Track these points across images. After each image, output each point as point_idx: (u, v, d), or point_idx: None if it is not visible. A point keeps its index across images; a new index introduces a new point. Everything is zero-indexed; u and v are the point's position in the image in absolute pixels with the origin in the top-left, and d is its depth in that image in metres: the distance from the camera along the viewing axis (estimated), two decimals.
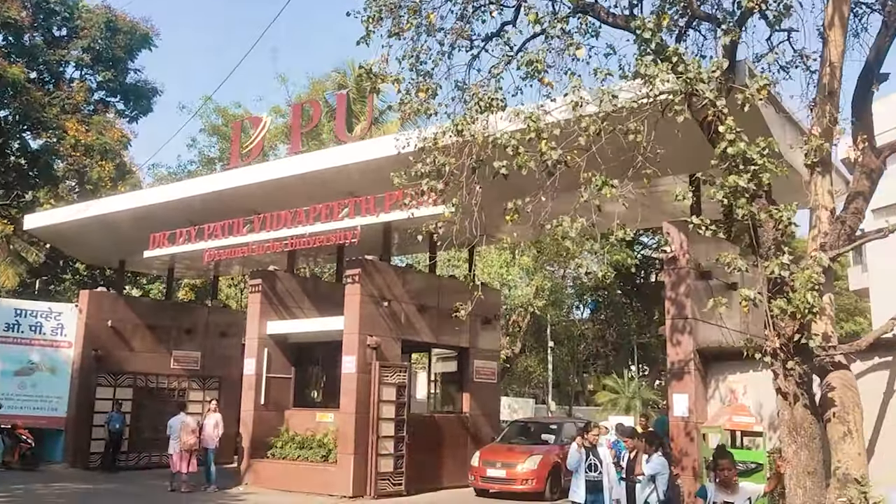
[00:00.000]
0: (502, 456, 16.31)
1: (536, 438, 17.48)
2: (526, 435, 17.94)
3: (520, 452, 16.29)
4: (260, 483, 16.93)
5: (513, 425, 19.26)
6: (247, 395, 17.70)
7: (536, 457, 15.99)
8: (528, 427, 18.79)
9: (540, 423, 19.47)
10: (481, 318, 19.17)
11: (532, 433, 18.01)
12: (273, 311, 18.18)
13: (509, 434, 18.16)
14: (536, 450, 16.41)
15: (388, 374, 16.17)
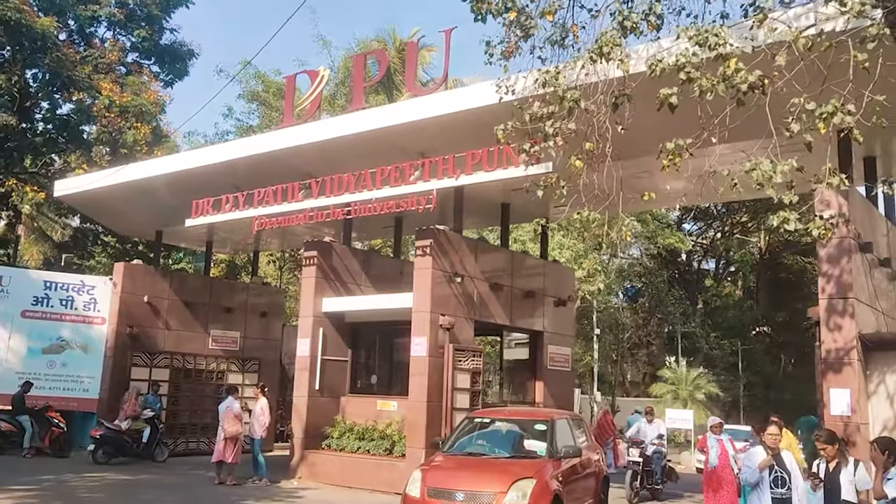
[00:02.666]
0: (464, 478, 9.44)
1: (515, 446, 10.57)
2: (495, 441, 10.77)
3: (495, 472, 9.50)
4: (315, 477, 15.20)
5: (469, 423, 11.43)
6: (300, 380, 15.94)
7: (526, 483, 9.06)
8: (497, 428, 11.18)
9: (517, 422, 11.25)
10: (555, 299, 17.32)
11: (505, 437, 10.88)
12: (329, 287, 16.39)
13: (464, 438, 10.96)
14: (522, 467, 9.56)
15: (463, 358, 14.36)
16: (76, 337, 19.25)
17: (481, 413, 12.32)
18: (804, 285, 44.50)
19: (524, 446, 10.53)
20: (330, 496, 13.75)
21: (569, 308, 17.95)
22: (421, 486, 9.35)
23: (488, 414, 12.05)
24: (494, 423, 11.28)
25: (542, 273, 17.16)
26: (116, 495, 12.84)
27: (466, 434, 11.04)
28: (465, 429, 11.21)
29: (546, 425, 10.69)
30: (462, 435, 11.03)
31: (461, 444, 10.74)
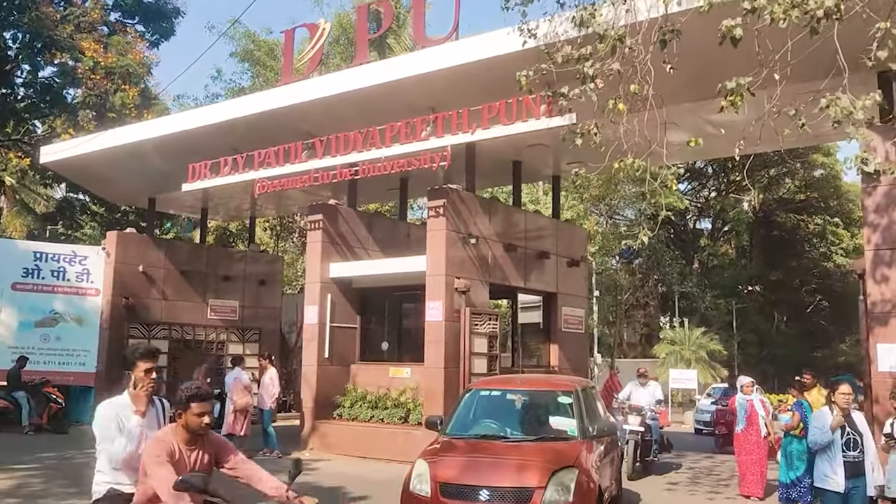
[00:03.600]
0: (487, 471, 7.08)
1: (537, 425, 8.47)
2: (511, 418, 8.59)
3: (524, 461, 7.21)
4: (327, 448, 14.71)
5: (473, 397, 8.92)
6: (309, 348, 15.38)
7: (567, 474, 6.90)
8: (510, 402, 8.93)
9: (533, 394, 8.90)
10: (568, 259, 16.80)
11: (522, 414, 8.75)
12: (335, 252, 15.76)
13: (469, 416, 8.55)
14: (557, 453, 7.32)
15: (479, 322, 13.84)
16: (70, 309, 18.56)
17: (487, 383, 9.72)
18: (797, 243, 44.50)
19: (549, 425, 8.24)
20: (345, 467, 13.27)
21: (581, 268, 17.45)
22: (431, 482, 6.86)
23: (496, 384, 9.56)
24: (505, 395, 8.79)
25: (555, 233, 16.61)
26: None
27: (472, 411, 8.51)
28: (468, 404, 8.59)
29: (571, 397, 8.32)
30: (466, 412, 8.44)
31: (467, 424, 8.19)
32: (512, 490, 6.73)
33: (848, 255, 44.05)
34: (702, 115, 12.19)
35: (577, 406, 8.14)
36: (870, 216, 9.60)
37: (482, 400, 8.83)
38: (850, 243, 44.28)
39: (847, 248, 44.07)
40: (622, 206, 37.43)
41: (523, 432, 8.09)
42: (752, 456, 10.73)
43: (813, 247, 44.50)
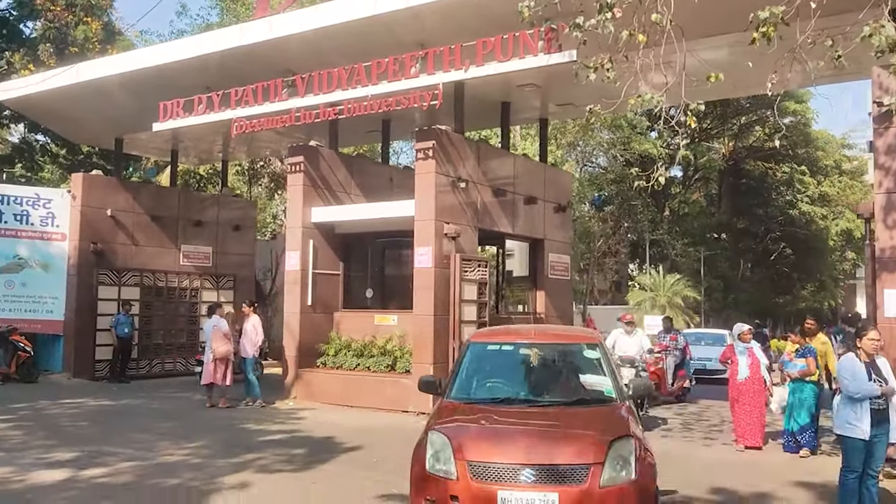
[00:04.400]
0: (525, 444, 5.57)
1: (570, 386, 6.95)
2: (536, 378, 7.04)
3: (570, 431, 5.83)
4: (311, 397, 14.38)
5: (481, 352, 7.30)
6: (291, 295, 14.89)
7: (625, 445, 5.55)
8: (528, 358, 7.20)
9: (554, 347, 7.41)
10: (555, 205, 16.45)
11: (548, 372, 7.17)
12: (317, 196, 15.17)
13: (482, 375, 7.00)
14: (604, 420, 6.07)
15: (469, 268, 13.48)
16: (35, 255, 17.77)
17: (493, 336, 8.03)
18: (764, 191, 44.86)
19: (581, 384, 6.83)
20: (331, 416, 12.96)
21: (568, 214, 17.13)
22: (457, 461, 5.41)
23: (505, 337, 7.83)
24: (518, 350, 7.28)
25: (543, 178, 16.20)
26: (105, 424, 11.80)
27: (480, 369, 7.00)
28: (473, 361, 7.01)
29: (597, 350, 7.05)
30: (473, 371, 6.91)
31: (477, 386, 6.76)
32: (563, 469, 5.28)
33: (813, 203, 44.64)
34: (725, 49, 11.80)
35: (606, 361, 6.90)
36: (881, 158, 9.34)
37: (490, 355, 7.27)
38: (815, 191, 44.81)
39: (812, 195, 44.61)
40: (596, 154, 37.10)
41: (552, 394, 6.64)
42: (753, 406, 10.33)
43: (780, 194, 44.92)
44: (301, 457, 9.57)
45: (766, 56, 7.23)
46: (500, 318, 14.69)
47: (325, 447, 10.24)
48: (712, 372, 17.21)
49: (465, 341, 7.96)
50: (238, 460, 9.22)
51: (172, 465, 8.89)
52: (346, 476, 8.55)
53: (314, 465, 9.07)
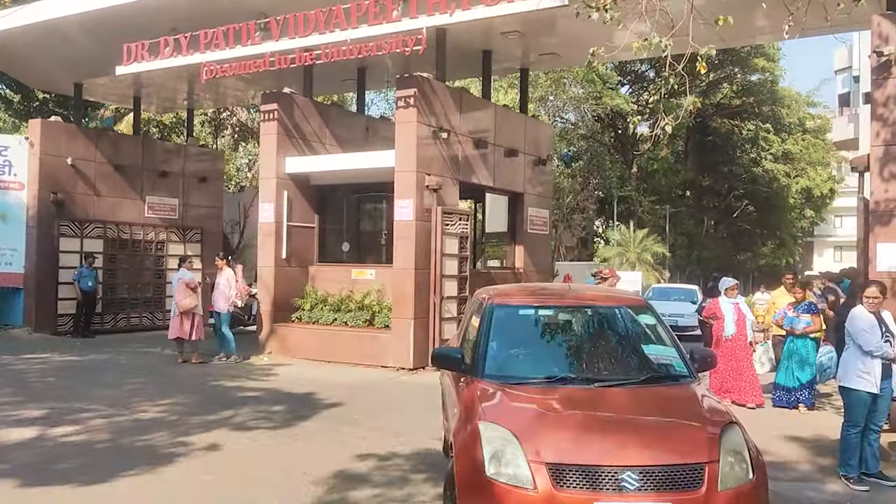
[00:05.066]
0: (616, 441, 4.34)
1: (636, 360, 5.63)
2: (578, 351, 5.76)
3: (663, 422, 4.80)
4: (286, 352, 14.03)
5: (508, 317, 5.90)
6: (265, 248, 14.42)
7: (736, 435, 4.47)
8: (569, 323, 6.09)
9: (598, 311, 6.13)
10: (534, 158, 16.12)
11: (603, 341, 5.91)
12: (291, 146, 14.61)
13: (510, 346, 5.71)
14: (699, 405, 4.87)
15: (451, 222, 13.13)
16: None
17: (519, 297, 6.46)
18: (729, 148, 45.09)
19: (647, 358, 5.60)
20: (309, 371, 12.65)
21: (548, 167, 16.81)
22: (531, 463, 4.15)
23: (541, 299, 6.40)
24: (557, 315, 6.10)
25: (524, 129, 15.82)
26: (74, 379, 11.34)
27: (518, 338, 5.80)
28: (502, 329, 5.66)
29: (651, 315, 5.93)
30: (507, 342, 5.65)
31: (522, 361, 5.54)
32: (673, 471, 4.12)
33: (777, 161, 45.05)
34: None
35: (664, 327, 5.72)
36: (879, 110, 9.16)
37: (523, 322, 5.97)
38: (779, 149, 45.18)
39: (776, 153, 44.99)
40: (567, 109, 36.70)
41: (614, 371, 5.41)
42: (743, 364, 10.15)
43: (744, 152, 45.18)
44: (280, 413, 9.27)
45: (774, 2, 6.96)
46: (479, 274, 14.43)
47: (304, 403, 9.94)
48: (684, 328, 17.05)
49: (481, 304, 6.17)
50: (215, 417, 8.89)
51: (148, 423, 8.53)
52: (328, 433, 8.28)
53: (295, 423, 8.78)
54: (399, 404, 10.11)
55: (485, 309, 5.87)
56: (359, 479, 6.47)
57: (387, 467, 6.88)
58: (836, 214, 60.78)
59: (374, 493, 6.09)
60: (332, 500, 5.95)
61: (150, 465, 6.77)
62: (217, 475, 6.60)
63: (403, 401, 10.37)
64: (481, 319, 5.80)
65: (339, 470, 6.72)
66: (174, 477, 6.53)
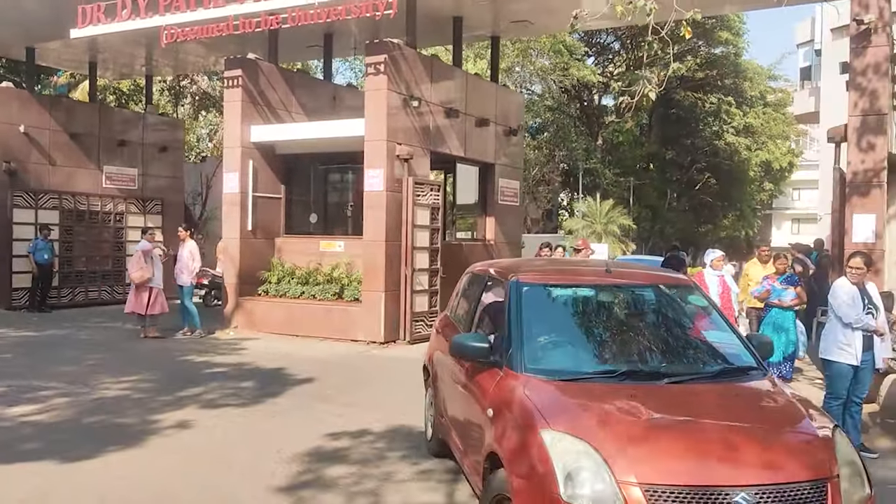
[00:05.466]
0: (718, 454, 3.53)
1: (701, 351, 4.82)
2: (630, 339, 4.82)
3: (766, 428, 3.84)
4: (253, 326, 13.70)
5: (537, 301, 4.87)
6: (230, 219, 14.01)
7: (846, 444, 3.78)
8: (608, 307, 5.17)
9: (656, 293, 5.24)
10: (505, 128, 15.89)
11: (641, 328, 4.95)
12: (256, 114, 14.16)
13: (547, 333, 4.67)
14: (790, 405, 4.08)
15: (422, 192, 12.88)
16: None
17: (555, 276, 5.46)
18: (692, 121, 45.38)
19: (713, 347, 4.82)
20: (277, 346, 12.36)
21: (518, 138, 16.60)
22: (621, 485, 3.35)
23: (576, 277, 5.40)
24: (600, 295, 5.15)
25: (494, 98, 15.55)
26: (31, 356, 10.91)
27: (554, 323, 4.84)
28: (540, 312, 4.80)
29: (699, 294, 5.29)
30: (546, 327, 4.70)
31: (568, 352, 4.61)
32: (793, 490, 3.39)
33: (738, 134, 45.50)
34: None
35: (717, 311, 5.11)
36: (857, 79, 9.10)
37: (559, 305, 5.04)
38: (741, 122, 45.61)
39: (738, 126, 45.41)
40: (533, 80, 36.46)
41: (680, 363, 4.59)
42: None
43: (707, 125, 45.51)
44: (250, 390, 9.00)
45: None
46: (450, 246, 14.23)
47: (275, 379, 9.68)
48: None
49: (487, 280, 5.55)
50: (183, 394, 8.59)
51: (112, 401, 8.20)
52: (301, 409, 8.05)
53: (266, 399, 8.52)
54: (371, 379, 9.91)
55: (507, 288, 4.89)
56: (335, 457, 6.27)
57: (363, 444, 6.68)
58: (795, 187, 61.77)
59: (350, 472, 5.89)
60: (308, 479, 5.73)
61: (117, 446, 6.47)
62: (188, 455, 6.33)
63: (376, 375, 10.17)
64: (507, 301, 4.78)
65: (314, 448, 6.51)
66: (143, 457, 6.25)
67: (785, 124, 49.43)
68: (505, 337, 4.54)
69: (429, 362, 6.52)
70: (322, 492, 5.44)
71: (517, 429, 3.81)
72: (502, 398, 4.13)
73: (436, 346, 6.43)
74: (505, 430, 3.91)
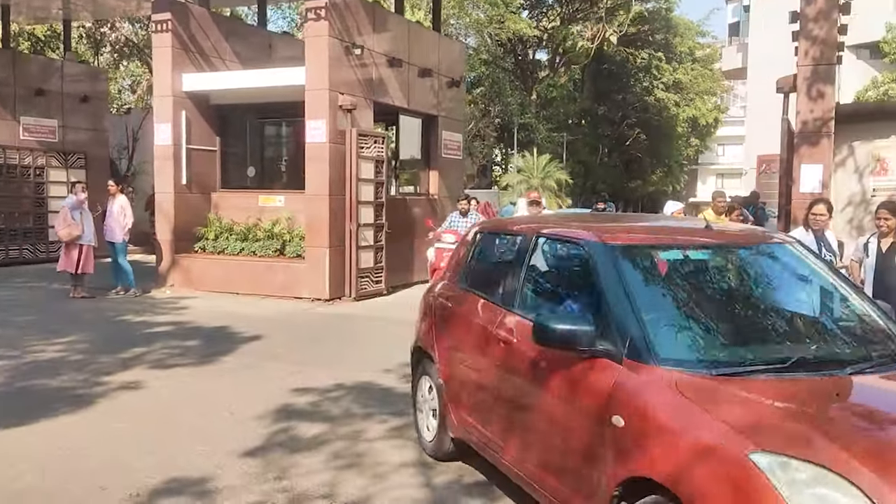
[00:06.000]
0: None
1: (833, 328, 3.77)
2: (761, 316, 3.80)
3: None
4: (190, 284, 13.16)
5: (640, 269, 3.77)
6: (162, 173, 13.32)
7: None
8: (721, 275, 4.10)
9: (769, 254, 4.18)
10: (448, 79, 15.53)
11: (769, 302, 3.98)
12: (189, 61, 13.40)
13: (666, 311, 3.57)
14: None
15: (366, 145, 12.47)
16: None
17: (649, 236, 4.26)
18: (624, 76, 45.78)
19: (866, 322, 3.80)
20: (219, 304, 11.90)
21: (461, 90, 16.27)
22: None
23: (675, 238, 4.27)
24: (715, 260, 4.14)
25: (437, 48, 15.13)
26: None
27: (673, 299, 3.72)
28: (650, 284, 3.76)
29: (818, 258, 4.46)
30: (663, 303, 3.65)
31: (707, 336, 3.46)
32: None
33: (668, 90, 46.18)
34: None
35: (844, 279, 4.22)
36: (809, 26, 9.10)
37: (669, 274, 3.87)
38: (670, 78, 46.25)
39: (667, 82, 46.06)
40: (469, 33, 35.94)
41: (843, 346, 3.59)
42: None
43: (638, 81, 45.99)
44: (197, 349, 8.62)
45: None
46: (395, 200, 13.92)
47: (220, 337, 9.30)
48: None
49: (577, 245, 3.99)
50: (126, 356, 8.14)
51: (47, 364, 7.69)
52: (253, 369, 7.73)
53: (215, 358, 8.16)
54: (321, 336, 9.63)
55: (593, 254, 3.71)
56: (297, 417, 6.00)
57: (325, 403, 6.43)
58: (720, 143, 63.45)
59: (316, 432, 5.62)
60: (272, 441, 5.43)
61: (57, 411, 6.04)
62: (137, 419, 5.96)
63: (324, 333, 9.91)
64: (598, 271, 3.63)
65: (273, 408, 6.21)
66: (88, 423, 5.85)
67: (712, 80, 50.40)
68: (613, 318, 3.36)
69: (428, 345, 5.16)
70: (289, 454, 5.16)
71: (695, 448, 2.72)
72: (640, 402, 3.05)
73: (439, 324, 5.13)
74: (665, 448, 2.84)
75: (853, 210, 9.43)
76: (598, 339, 3.33)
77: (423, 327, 5.40)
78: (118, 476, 4.70)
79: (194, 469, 4.86)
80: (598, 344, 3.32)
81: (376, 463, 5.01)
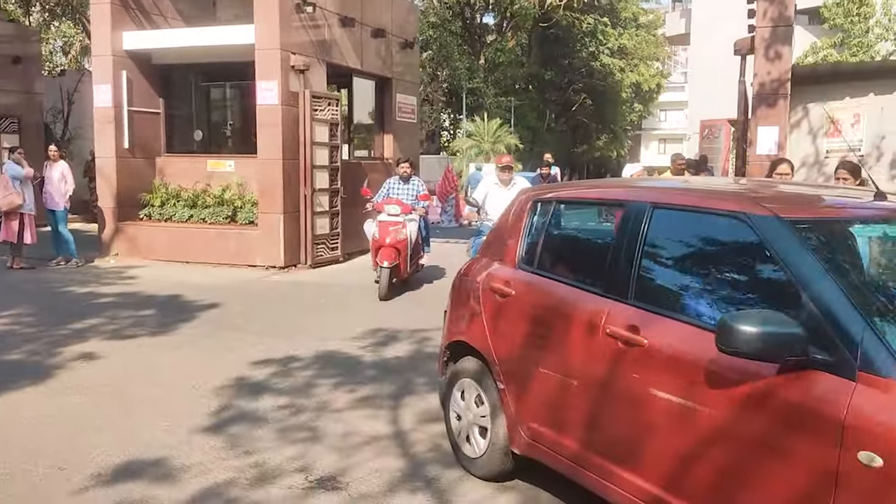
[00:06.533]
0: None
1: None
2: None
3: None
4: (136, 253, 12.69)
5: (819, 240, 2.89)
6: (103, 137, 12.71)
7: None
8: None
9: None
10: (402, 40, 15.19)
11: None
12: (129, 19, 12.77)
13: (879, 291, 2.86)
14: None
15: (320, 107, 12.11)
16: None
17: (823, 204, 3.35)
18: (570, 41, 45.81)
19: None
20: (169, 273, 11.50)
21: (416, 51, 15.93)
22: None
23: (834, 210, 3.29)
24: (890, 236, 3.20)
25: (390, 8, 14.73)
26: None
27: (874, 280, 2.99)
28: (843, 264, 2.84)
29: None
30: (871, 287, 2.88)
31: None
32: None
33: (613, 55, 46.41)
34: None
35: None
36: None
37: (856, 254, 3.05)
38: (615, 43, 46.47)
39: (612, 48, 46.27)
40: None
41: None
42: None
43: (584, 46, 46.07)
44: (152, 319, 8.31)
45: None
46: (349, 164, 13.60)
47: (175, 307, 8.98)
48: None
49: (728, 218, 3.04)
50: (77, 327, 7.79)
51: None
52: (211, 339, 7.47)
53: (172, 328, 7.88)
54: (278, 305, 9.38)
55: (764, 230, 2.85)
56: (260, 389, 5.79)
57: (288, 373, 6.23)
58: (662, 109, 64.27)
59: (281, 403, 5.44)
60: (235, 414, 5.22)
61: (12, 386, 5.72)
62: (96, 394, 5.67)
63: (282, 301, 9.66)
64: (780, 254, 2.77)
65: (235, 379, 6.00)
66: (43, 399, 5.54)
67: (656, 46, 50.81)
68: (829, 319, 2.51)
69: (479, 343, 4.21)
70: (254, 427, 4.96)
71: None
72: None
73: (495, 316, 4.15)
74: None
75: (807, 171, 9.54)
76: (810, 346, 2.50)
77: (465, 320, 4.41)
78: (80, 454, 4.45)
79: (159, 445, 4.63)
80: (811, 352, 2.49)
81: (347, 433, 4.86)
